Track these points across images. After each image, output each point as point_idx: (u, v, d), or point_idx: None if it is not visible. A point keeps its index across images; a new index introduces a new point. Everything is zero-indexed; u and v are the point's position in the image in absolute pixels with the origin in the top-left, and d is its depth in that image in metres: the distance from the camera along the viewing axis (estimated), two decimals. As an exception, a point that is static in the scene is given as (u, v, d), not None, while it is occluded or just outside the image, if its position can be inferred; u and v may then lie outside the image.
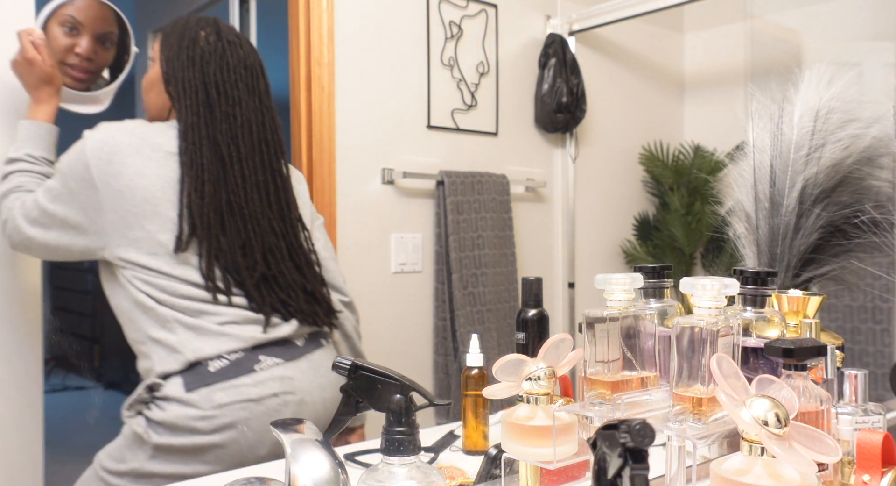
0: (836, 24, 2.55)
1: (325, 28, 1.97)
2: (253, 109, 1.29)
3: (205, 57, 1.26)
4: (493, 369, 0.75)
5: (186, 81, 1.25)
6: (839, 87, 1.14)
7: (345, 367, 0.79)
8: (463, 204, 2.19)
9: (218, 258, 1.21)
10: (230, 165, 1.24)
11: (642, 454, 0.52)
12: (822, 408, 0.75)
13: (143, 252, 1.20)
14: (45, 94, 1.39)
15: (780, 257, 1.15)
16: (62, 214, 1.22)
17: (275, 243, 1.26)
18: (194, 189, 1.20)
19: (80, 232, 1.22)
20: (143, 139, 1.22)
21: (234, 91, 1.26)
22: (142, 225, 1.19)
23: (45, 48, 1.38)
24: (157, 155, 1.21)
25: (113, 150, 1.20)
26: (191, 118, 1.23)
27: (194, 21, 1.31)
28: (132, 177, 1.19)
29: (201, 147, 1.22)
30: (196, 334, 1.19)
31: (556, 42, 2.47)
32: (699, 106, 2.97)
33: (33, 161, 1.33)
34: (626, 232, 2.80)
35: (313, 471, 0.70)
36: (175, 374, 1.18)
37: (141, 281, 1.21)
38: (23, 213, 1.24)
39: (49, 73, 1.38)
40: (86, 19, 1.44)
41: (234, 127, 1.25)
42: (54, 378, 4.45)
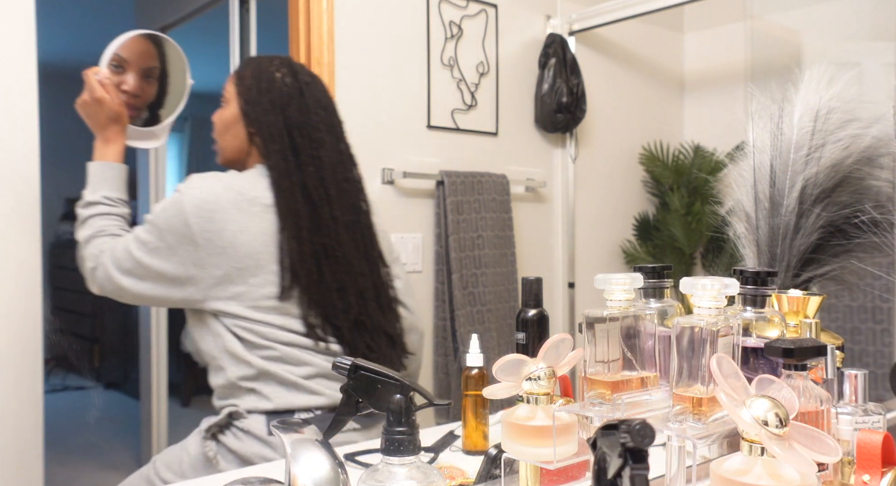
0: (836, 24, 2.55)
1: (325, 28, 1.97)
2: (334, 148, 1.29)
3: (284, 99, 1.26)
4: (493, 369, 0.76)
5: (270, 124, 1.25)
6: (839, 87, 1.14)
7: (345, 367, 0.79)
8: (463, 204, 2.19)
9: (318, 304, 1.22)
10: (321, 208, 1.24)
11: (642, 454, 0.52)
12: (822, 408, 0.75)
13: (245, 305, 1.20)
14: (113, 132, 1.39)
15: (780, 257, 1.15)
16: (159, 268, 1.21)
17: (363, 284, 1.27)
18: (293, 237, 1.20)
19: (178, 285, 1.22)
20: (241, 194, 1.21)
21: (317, 133, 1.27)
22: (245, 280, 1.20)
23: (112, 87, 1.39)
24: (256, 209, 1.21)
25: (213, 207, 1.19)
26: (281, 164, 1.23)
27: (267, 61, 1.31)
28: (235, 233, 1.19)
29: (294, 193, 1.22)
30: (286, 389, 1.21)
31: (556, 42, 2.47)
32: (699, 106, 2.97)
33: (111, 203, 1.33)
34: (626, 232, 2.80)
35: (313, 471, 0.70)
36: (260, 412, 1.20)
37: (241, 329, 1.21)
38: (114, 261, 1.23)
39: (117, 111, 1.38)
40: (130, 56, 1.45)
41: (321, 170, 1.25)
42: (54, 378, 4.45)
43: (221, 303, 1.21)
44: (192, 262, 1.20)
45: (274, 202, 1.22)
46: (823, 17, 2.58)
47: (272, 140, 1.24)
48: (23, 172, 1.53)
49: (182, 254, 1.20)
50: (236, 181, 1.24)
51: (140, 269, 1.22)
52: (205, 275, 1.20)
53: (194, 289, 1.21)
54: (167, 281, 1.22)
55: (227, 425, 1.22)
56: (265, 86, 1.27)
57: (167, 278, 1.22)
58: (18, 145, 1.52)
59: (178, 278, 1.22)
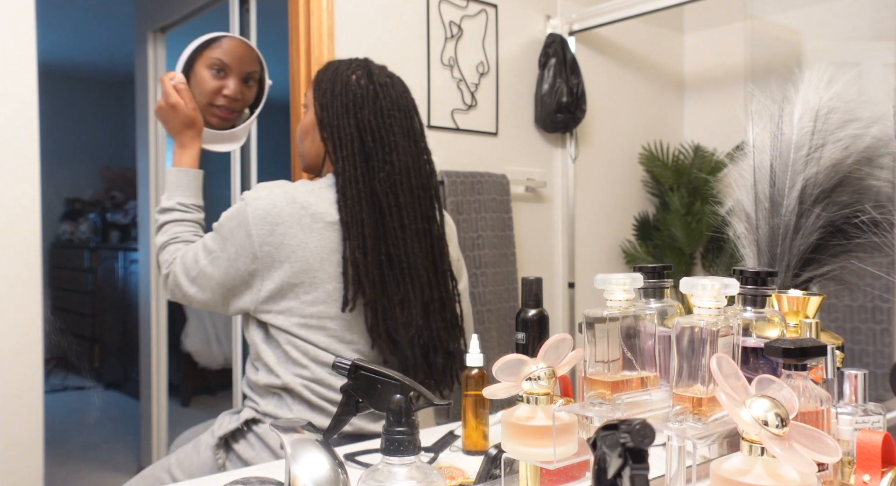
0: (836, 24, 2.55)
1: (325, 28, 1.97)
2: (409, 153, 1.25)
3: (357, 102, 1.23)
4: (493, 369, 0.76)
5: (341, 128, 1.22)
6: (839, 87, 1.14)
7: (345, 367, 0.79)
8: (463, 204, 2.19)
9: (382, 319, 1.19)
10: (389, 216, 1.21)
11: (642, 454, 0.52)
12: (822, 408, 0.75)
13: (293, 321, 1.19)
14: (188, 137, 1.39)
15: (780, 257, 1.15)
16: (219, 278, 1.21)
17: (430, 296, 1.23)
18: (357, 247, 1.18)
19: (234, 296, 1.22)
20: (304, 208, 1.19)
21: (390, 136, 1.23)
22: (297, 295, 1.19)
23: (187, 92, 1.39)
24: (318, 226, 1.19)
25: (275, 220, 1.18)
26: (348, 171, 1.20)
27: (345, 65, 1.29)
28: (293, 249, 1.18)
29: (360, 201, 1.19)
30: (311, 410, 1.19)
31: (556, 42, 2.47)
32: (699, 106, 2.97)
33: (185, 209, 1.33)
34: (626, 232, 2.80)
35: (313, 471, 0.70)
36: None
37: (283, 341, 1.20)
38: (183, 270, 1.24)
39: (192, 116, 1.38)
40: (232, 61, 1.46)
41: (393, 175, 1.22)
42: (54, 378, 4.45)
43: (271, 316, 1.20)
44: (249, 272, 1.19)
45: (339, 214, 1.20)
46: (823, 17, 2.58)
47: (342, 145, 1.21)
48: (23, 172, 1.53)
49: (240, 265, 1.19)
50: (301, 194, 1.21)
51: (203, 278, 1.22)
52: (259, 286, 1.19)
53: (248, 299, 1.21)
54: (226, 290, 1.22)
55: (242, 432, 1.21)
56: (339, 89, 1.25)
57: (226, 287, 1.21)
58: (18, 145, 1.53)
59: (236, 288, 1.21)
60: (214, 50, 1.45)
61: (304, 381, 1.19)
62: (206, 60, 1.44)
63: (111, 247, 4.99)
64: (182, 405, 4.19)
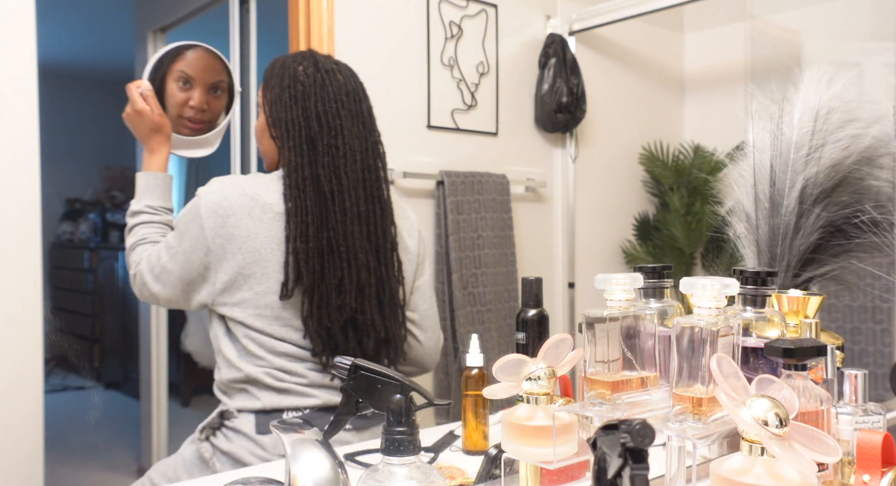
0: (836, 24, 2.55)
1: (325, 28, 1.97)
2: (357, 135, 1.26)
3: (305, 91, 1.25)
4: (493, 369, 0.76)
5: (289, 120, 1.24)
6: (839, 87, 1.14)
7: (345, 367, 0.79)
8: (463, 204, 2.19)
9: (320, 307, 1.20)
10: (331, 200, 1.22)
11: (642, 454, 0.52)
12: (822, 408, 0.75)
13: (249, 313, 1.21)
14: (156, 142, 1.42)
15: (780, 257, 1.15)
16: (178, 273, 1.24)
17: (366, 280, 1.24)
18: (300, 236, 1.19)
19: (195, 289, 1.24)
20: (254, 200, 1.21)
21: (336, 120, 1.25)
22: (250, 286, 1.21)
23: (153, 98, 1.42)
24: (268, 216, 1.21)
25: (226, 212, 1.20)
26: (294, 160, 1.22)
27: (291, 58, 1.30)
28: (244, 239, 1.20)
29: (304, 188, 1.21)
30: (277, 393, 1.21)
31: (556, 42, 2.47)
32: (699, 106, 2.97)
33: (154, 211, 1.36)
34: (626, 232, 2.80)
35: (313, 471, 0.70)
36: (249, 411, 1.21)
37: (241, 335, 1.22)
38: (148, 268, 1.27)
39: (158, 122, 1.41)
40: (195, 72, 1.50)
41: (337, 158, 1.23)
42: (54, 378, 4.45)
43: (227, 308, 1.22)
44: (203, 265, 1.21)
45: (284, 204, 1.22)
46: (823, 17, 2.58)
47: (290, 136, 1.23)
48: (23, 172, 1.53)
49: (195, 258, 1.22)
50: (252, 186, 1.23)
51: (165, 274, 1.25)
52: (214, 279, 1.21)
53: (206, 293, 1.23)
54: (186, 284, 1.24)
55: (218, 425, 1.23)
56: (287, 82, 1.26)
57: (184, 281, 1.24)
58: (18, 145, 1.53)
59: (194, 282, 1.23)
60: (180, 63, 1.49)
61: (265, 369, 1.21)
62: (173, 74, 1.48)
63: (111, 247, 4.99)
64: (182, 405, 4.19)
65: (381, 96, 2.10)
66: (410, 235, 1.38)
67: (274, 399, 1.20)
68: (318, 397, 1.22)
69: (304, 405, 1.21)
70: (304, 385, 1.22)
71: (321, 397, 1.22)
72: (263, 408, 1.20)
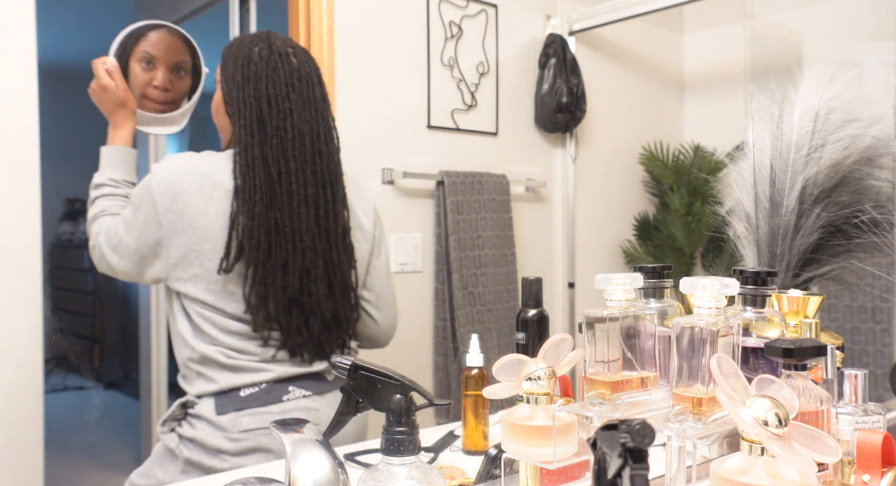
0: (836, 24, 2.55)
1: (325, 28, 1.97)
2: (307, 119, 1.27)
3: (258, 73, 1.26)
4: (493, 369, 0.76)
5: (241, 100, 1.25)
6: (839, 87, 1.14)
7: (345, 367, 0.79)
8: (463, 204, 2.19)
9: (263, 284, 1.22)
10: (278, 181, 1.23)
11: (642, 454, 0.52)
12: (822, 408, 0.75)
13: (201, 288, 1.22)
14: (121, 117, 1.44)
15: (780, 257, 1.15)
16: (133, 246, 1.25)
17: (312, 262, 1.25)
18: (246, 212, 1.21)
19: (148, 263, 1.26)
20: (205, 177, 1.23)
21: (286, 103, 1.25)
22: (201, 262, 1.22)
23: (118, 74, 1.44)
24: (218, 193, 1.22)
25: (177, 189, 1.21)
26: (245, 139, 1.23)
27: (248, 39, 1.31)
28: (194, 216, 1.21)
29: (254, 167, 1.22)
30: (232, 373, 1.23)
31: (556, 42, 2.47)
32: (699, 106, 2.97)
33: (115, 184, 1.38)
34: (626, 232, 2.80)
35: (313, 471, 0.70)
36: (208, 395, 1.23)
37: (194, 313, 1.24)
38: (107, 240, 1.29)
39: (122, 97, 1.43)
40: (158, 53, 1.52)
41: (285, 141, 1.24)
42: (54, 378, 4.45)
43: (181, 283, 1.24)
44: (156, 240, 1.23)
45: (233, 181, 1.23)
46: (823, 17, 2.58)
47: (241, 115, 1.25)
48: (23, 172, 1.53)
49: (148, 234, 1.24)
50: (204, 164, 1.25)
51: (121, 247, 1.27)
52: (166, 254, 1.23)
53: (159, 267, 1.25)
54: (140, 258, 1.26)
55: (182, 416, 1.25)
56: (241, 62, 1.28)
57: (140, 255, 1.26)
58: (18, 145, 1.53)
59: (147, 257, 1.25)
60: (143, 43, 1.52)
61: (218, 348, 1.23)
62: (137, 55, 1.51)
63: (111, 247, 4.99)
64: (182, 405, 4.18)
65: (381, 96, 2.12)
66: (365, 214, 1.39)
67: (229, 379, 1.22)
68: (272, 371, 1.24)
69: (258, 381, 1.23)
70: (256, 362, 1.24)
71: (275, 370, 1.24)
72: (220, 389, 1.22)
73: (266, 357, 1.24)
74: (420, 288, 2.19)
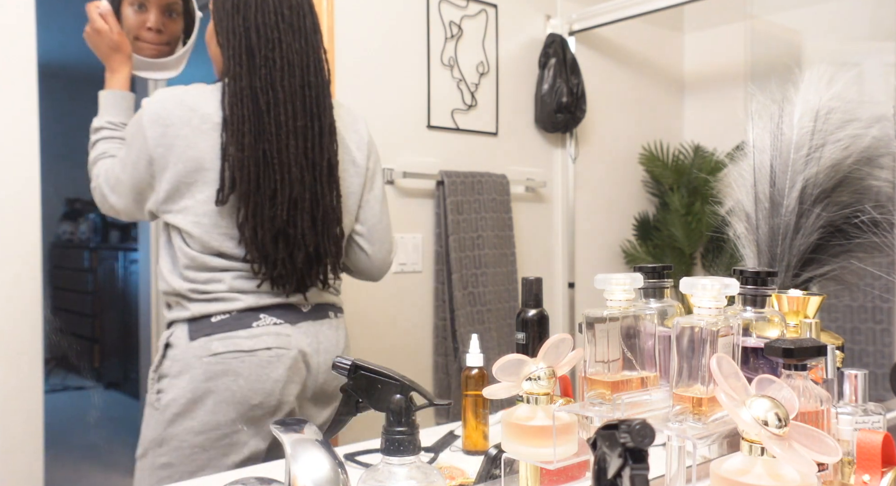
0: (836, 24, 2.55)
1: (325, 28, 1.97)
2: (297, 50, 1.26)
3: (248, 2, 1.25)
4: (493, 369, 0.76)
5: (231, 30, 1.25)
6: (839, 87, 1.14)
7: (345, 367, 0.79)
8: (463, 204, 2.19)
9: (254, 215, 1.23)
10: (267, 112, 1.23)
11: (642, 454, 0.52)
12: (822, 408, 0.75)
13: (190, 220, 1.24)
14: (117, 61, 1.45)
15: (780, 257, 1.15)
16: (129, 182, 1.28)
17: (300, 194, 1.25)
18: (235, 142, 1.21)
19: (145, 198, 1.28)
20: (194, 110, 1.23)
21: (275, 33, 1.25)
22: (192, 194, 1.24)
23: (112, 17, 1.44)
24: (207, 126, 1.23)
25: (166, 122, 1.22)
26: (234, 69, 1.24)
27: None
28: (183, 149, 1.22)
29: (242, 98, 1.22)
30: (206, 302, 1.25)
31: (556, 42, 2.47)
32: (699, 106, 2.97)
33: (113, 127, 1.40)
34: (626, 232, 2.80)
35: (313, 471, 0.70)
36: (182, 322, 1.26)
37: (178, 250, 1.26)
38: (105, 180, 1.32)
39: (117, 41, 1.44)
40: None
41: (273, 72, 1.24)
42: (54, 378, 4.45)
43: (171, 216, 1.25)
44: (149, 174, 1.25)
45: (221, 112, 1.23)
46: (823, 17, 2.58)
47: (230, 45, 1.25)
48: (23, 172, 1.53)
49: (141, 167, 1.25)
50: (192, 97, 1.25)
51: (119, 185, 1.29)
52: (158, 188, 1.25)
53: (152, 201, 1.27)
54: (136, 194, 1.28)
55: (162, 358, 1.28)
56: None
57: (135, 191, 1.28)
58: (18, 145, 1.53)
59: (143, 191, 1.27)
60: None
61: (191, 285, 1.26)
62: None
63: (111, 247, 4.99)
64: (182, 405, 4.18)
65: (381, 96, 2.12)
66: (359, 149, 1.38)
67: (201, 307, 1.25)
68: (242, 301, 1.26)
69: (229, 309, 1.25)
70: (227, 292, 1.26)
71: (246, 300, 1.26)
72: (193, 316, 1.25)
73: (238, 288, 1.26)
74: (420, 288, 2.19)
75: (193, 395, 1.21)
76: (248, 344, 1.23)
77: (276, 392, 1.24)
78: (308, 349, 1.29)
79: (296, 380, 1.27)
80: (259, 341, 1.24)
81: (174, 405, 1.22)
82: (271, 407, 1.24)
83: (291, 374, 1.26)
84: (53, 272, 5.15)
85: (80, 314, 4.89)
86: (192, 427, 1.21)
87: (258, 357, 1.24)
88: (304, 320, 1.30)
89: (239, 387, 1.22)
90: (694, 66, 2.99)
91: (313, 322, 1.32)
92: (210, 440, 1.21)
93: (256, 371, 1.23)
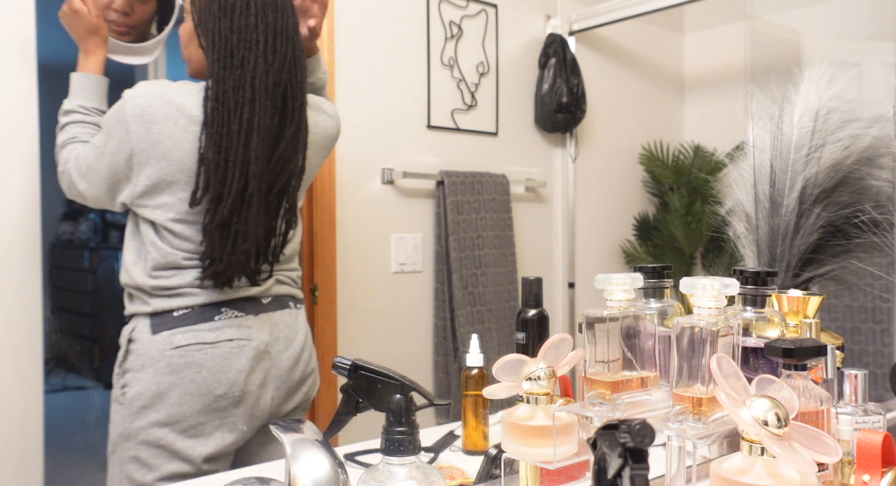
0: (836, 24, 2.55)
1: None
2: (270, 50, 1.27)
3: (234, 3, 1.25)
4: (493, 369, 0.76)
5: (215, 32, 1.25)
6: (839, 87, 1.14)
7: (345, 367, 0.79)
8: (463, 204, 2.19)
9: (226, 214, 1.23)
10: (234, 112, 1.24)
11: (642, 454, 0.52)
12: (822, 408, 0.75)
13: (169, 216, 1.25)
14: (93, 44, 1.44)
15: (780, 257, 1.15)
16: (104, 172, 1.27)
17: (256, 188, 1.25)
18: (213, 146, 1.22)
19: (119, 189, 1.28)
20: (181, 110, 1.23)
21: (252, 35, 1.25)
22: (173, 192, 1.24)
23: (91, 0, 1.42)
24: (194, 127, 1.23)
25: (152, 119, 1.22)
26: (218, 72, 1.24)
27: None
28: (169, 148, 1.23)
29: (224, 101, 1.23)
30: (170, 297, 1.26)
31: (556, 42, 2.47)
32: (699, 106, 2.97)
33: (85, 112, 1.39)
34: (626, 232, 2.80)
35: (313, 471, 0.70)
36: (144, 315, 1.27)
37: (149, 243, 1.26)
38: (76, 166, 1.31)
39: (94, 23, 1.43)
40: None
41: (245, 72, 1.24)
42: (54, 378, 4.45)
43: (148, 210, 1.26)
44: (128, 167, 1.25)
45: (202, 114, 1.24)
46: (823, 17, 2.58)
47: (215, 47, 1.25)
48: (23, 172, 1.53)
49: (120, 159, 1.25)
50: (178, 95, 1.25)
51: (91, 173, 1.28)
52: (136, 181, 1.25)
53: (127, 193, 1.27)
54: (110, 184, 1.28)
55: (126, 353, 1.28)
56: None
57: (110, 181, 1.27)
58: (18, 145, 1.53)
59: (118, 182, 1.27)
60: None
61: (154, 282, 1.26)
62: None
63: (111, 247, 4.99)
64: (182, 405, 4.18)
65: (381, 96, 2.12)
66: (324, 148, 1.42)
67: (163, 303, 1.26)
68: (204, 296, 1.27)
69: (190, 304, 1.26)
70: (187, 287, 1.26)
71: (208, 296, 1.27)
72: (154, 311, 1.26)
73: (198, 285, 1.27)
74: (420, 288, 2.19)
75: (158, 388, 1.23)
76: (210, 337, 1.25)
77: (239, 382, 1.26)
78: (269, 339, 1.31)
79: (258, 370, 1.28)
80: (221, 334, 1.26)
81: (140, 399, 1.24)
82: (235, 397, 1.26)
83: (254, 364, 1.28)
84: (53, 272, 5.15)
85: (80, 314, 4.89)
86: (157, 420, 1.23)
87: (221, 349, 1.25)
88: (264, 312, 1.32)
89: (203, 378, 1.23)
90: (694, 66, 2.99)
91: (273, 313, 1.34)
92: (175, 432, 1.23)
93: (220, 362, 1.24)
